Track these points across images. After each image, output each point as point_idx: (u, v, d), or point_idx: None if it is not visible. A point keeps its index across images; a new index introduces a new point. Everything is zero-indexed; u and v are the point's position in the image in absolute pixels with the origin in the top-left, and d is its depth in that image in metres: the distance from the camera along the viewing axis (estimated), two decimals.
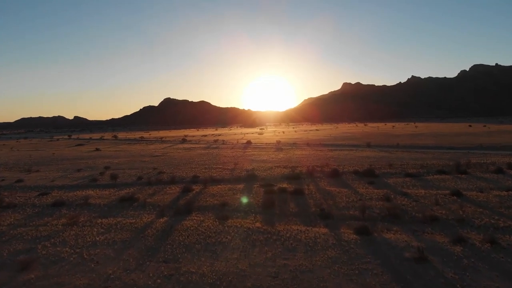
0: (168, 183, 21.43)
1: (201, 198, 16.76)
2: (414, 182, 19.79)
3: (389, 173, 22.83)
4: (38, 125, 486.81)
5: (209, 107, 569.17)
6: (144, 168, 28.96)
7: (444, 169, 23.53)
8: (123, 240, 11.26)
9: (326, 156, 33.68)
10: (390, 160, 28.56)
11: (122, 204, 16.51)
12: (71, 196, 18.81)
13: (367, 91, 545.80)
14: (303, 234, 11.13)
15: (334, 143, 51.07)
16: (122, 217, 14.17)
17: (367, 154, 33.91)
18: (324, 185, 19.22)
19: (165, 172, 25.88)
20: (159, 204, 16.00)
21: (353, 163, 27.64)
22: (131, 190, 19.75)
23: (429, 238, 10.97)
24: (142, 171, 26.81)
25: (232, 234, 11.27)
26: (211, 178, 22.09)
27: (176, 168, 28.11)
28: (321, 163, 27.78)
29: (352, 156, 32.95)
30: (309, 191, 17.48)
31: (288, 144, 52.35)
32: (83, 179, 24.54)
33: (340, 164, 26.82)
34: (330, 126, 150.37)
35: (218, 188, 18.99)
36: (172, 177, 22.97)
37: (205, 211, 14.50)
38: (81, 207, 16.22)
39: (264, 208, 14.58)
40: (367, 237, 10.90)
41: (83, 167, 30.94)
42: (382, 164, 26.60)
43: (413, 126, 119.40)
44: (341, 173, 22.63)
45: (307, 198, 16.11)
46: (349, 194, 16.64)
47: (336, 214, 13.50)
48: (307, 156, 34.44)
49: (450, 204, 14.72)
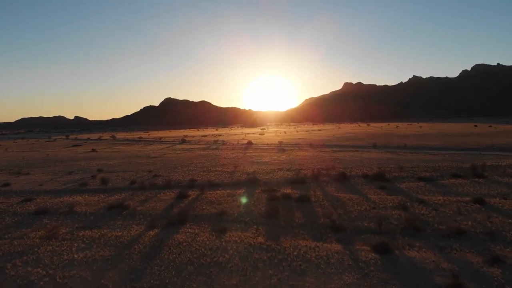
0: (162, 187, 19.90)
1: (197, 206, 15.22)
2: (429, 187, 18.24)
3: (401, 177, 21.27)
4: (38, 125, 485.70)
5: (210, 107, 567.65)
6: (139, 170, 27.44)
7: (459, 173, 21.99)
8: (104, 259, 9.72)
9: (331, 157, 32.12)
10: (399, 162, 26.99)
11: (110, 212, 14.98)
12: (56, 202, 17.29)
13: (368, 91, 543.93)
14: (313, 252, 9.58)
15: (337, 143, 49.52)
16: (108, 229, 12.64)
17: (374, 156, 32.34)
18: (331, 191, 17.67)
19: (160, 175, 24.34)
20: (150, 213, 14.47)
21: (360, 165, 26.09)
22: (122, 195, 18.23)
23: (459, 257, 9.41)
24: (136, 174, 25.29)
25: (231, 252, 9.72)
26: (209, 182, 20.56)
27: (173, 170, 26.58)
28: (327, 166, 26.23)
29: (358, 157, 31.39)
30: (316, 198, 15.93)
31: (290, 144, 50.79)
32: (73, 183, 23.03)
33: (347, 167, 25.26)
34: (332, 126, 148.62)
35: (217, 194, 17.45)
36: (168, 181, 21.44)
37: (200, 222, 12.97)
38: (65, 216, 14.71)
39: (267, 218, 13.04)
40: (387, 256, 9.34)
41: (75, 170, 29.43)
42: (391, 166, 25.04)
43: (417, 126, 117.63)
44: (349, 177, 21.08)
45: (315, 206, 14.56)
46: (361, 202, 15.09)
47: (349, 226, 11.95)
48: (311, 157, 32.89)
49: (474, 214, 13.18)
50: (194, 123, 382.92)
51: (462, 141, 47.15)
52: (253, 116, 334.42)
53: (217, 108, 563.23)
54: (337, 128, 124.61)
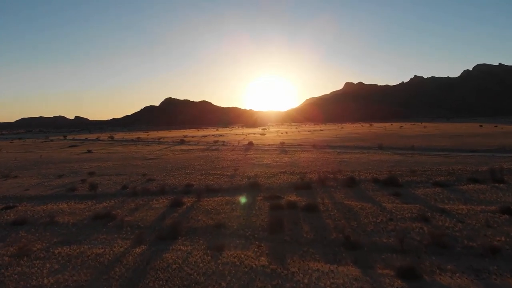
0: (156, 193, 18.33)
1: (192, 216, 13.65)
2: (448, 193, 16.64)
3: (414, 181, 19.67)
4: (38, 125, 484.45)
5: (211, 107, 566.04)
6: (133, 173, 25.88)
7: (476, 177, 20.38)
8: (78, 286, 8.15)
9: (336, 159, 30.50)
10: (410, 165, 25.39)
11: (95, 223, 13.42)
12: (38, 211, 15.74)
13: (370, 91, 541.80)
14: (327, 279, 7.99)
15: (341, 144, 47.85)
16: (89, 244, 11.08)
17: (381, 158, 30.71)
18: (341, 198, 16.08)
19: (155, 179, 22.76)
20: (139, 224, 12.91)
21: (368, 168, 24.48)
22: (111, 203, 16.68)
23: (501, 284, 7.84)
24: (129, 178, 23.72)
25: (228, 279, 8.14)
26: (207, 188, 18.98)
27: (169, 174, 25.00)
28: (332, 169, 24.64)
29: (366, 160, 29.76)
30: (324, 207, 14.34)
31: (293, 145, 49.14)
32: (61, 187, 21.48)
33: (355, 170, 23.66)
34: (334, 127, 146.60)
35: (214, 201, 15.87)
36: (162, 185, 19.87)
37: (195, 236, 11.40)
38: (45, 228, 13.16)
39: (270, 232, 11.46)
40: (416, 285, 7.76)
41: (66, 172, 27.89)
42: (402, 170, 23.43)
43: (421, 126, 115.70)
44: (359, 182, 19.49)
45: (324, 217, 12.97)
46: (375, 212, 13.50)
47: (366, 242, 10.37)
48: (315, 159, 31.27)
49: (505, 227, 11.60)
50: (195, 123, 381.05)
51: (470, 142, 45.49)
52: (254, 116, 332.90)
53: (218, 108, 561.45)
54: (339, 128, 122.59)
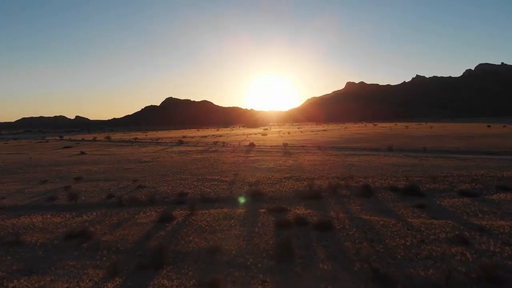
0: (144, 204, 16.13)
1: (183, 235, 11.44)
2: (479, 205, 14.39)
3: (437, 190, 17.44)
4: (38, 125, 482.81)
5: (212, 107, 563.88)
6: (124, 179, 23.70)
7: (505, 184, 18.15)
8: None
9: (344, 163, 28.24)
10: (427, 170, 23.16)
11: (67, 244, 11.24)
12: (6, 226, 13.56)
13: (371, 91, 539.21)
14: None
15: (348, 145, 45.52)
16: (53, 275, 8.91)
17: (394, 161, 28.43)
18: (357, 211, 13.86)
19: (146, 186, 20.56)
20: (118, 247, 10.71)
21: (382, 173, 22.25)
22: (91, 216, 14.49)
23: None
24: (118, 184, 21.52)
25: None
26: (203, 197, 16.78)
27: (162, 179, 22.80)
28: (342, 173, 22.42)
29: (377, 163, 27.51)
30: (340, 223, 12.11)
31: (296, 147, 46.84)
32: (41, 195, 19.29)
33: (367, 176, 21.43)
34: (337, 127, 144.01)
35: (210, 215, 13.66)
36: (153, 194, 17.69)
37: (183, 265, 9.20)
38: (7, 249, 10.99)
39: (277, 261, 9.23)
40: None
41: (52, 177, 25.73)
42: (420, 175, 21.19)
43: (427, 126, 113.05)
44: (374, 190, 17.25)
45: (341, 238, 10.74)
46: (401, 230, 11.27)
47: (399, 276, 8.13)
48: (322, 163, 29.02)
49: None
50: (196, 123, 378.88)
51: (483, 143, 43.19)
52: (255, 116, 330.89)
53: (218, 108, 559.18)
54: (343, 128, 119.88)
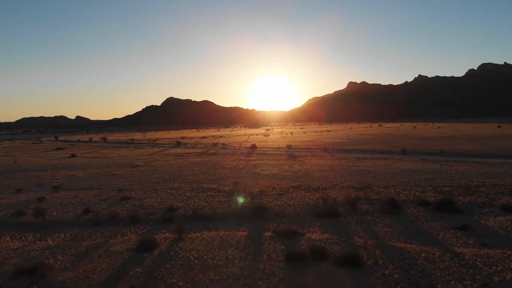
0: (125, 222, 13.33)
1: (164, 275, 8.59)
2: None
3: (474, 204, 14.59)
4: (39, 125, 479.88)
5: (213, 107, 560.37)
6: (109, 187, 20.89)
7: None
8: None
9: (357, 168, 25.32)
10: (453, 178, 20.29)
11: (14, 284, 8.43)
12: None
13: (373, 90, 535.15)
14: None
15: (356, 147, 42.48)
16: None
17: (412, 166, 25.49)
18: (387, 235, 11.02)
19: (131, 197, 17.71)
20: None
21: (403, 182, 19.36)
22: (58, 240, 11.71)
23: None
24: (101, 195, 18.69)
25: None
26: (195, 213, 13.97)
27: (151, 188, 19.96)
28: (358, 182, 19.56)
29: (394, 168, 24.59)
30: (370, 256, 9.24)
31: (301, 149, 43.85)
32: (8, 209, 16.51)
33: (387, 184, 18.56)
34: (341, 127, 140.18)
35: (202, 241, 10.83)
36: (137, 208, 14.91)
37: None
38: None
39: None
40: None
41: (30, 185, 22.97)
42: (447, 184, 18.31)
43: (434, 126, 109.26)
44: (401, 204, 14.41)
45: (376, 282, 7.86)
46: (452, 267, 8.45)
47: None
48: (332, 168, 26.11)
49: None
50: (197, 123, 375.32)
51: (500, 145, 40.17)
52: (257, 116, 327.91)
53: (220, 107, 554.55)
54: (348, 128, 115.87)
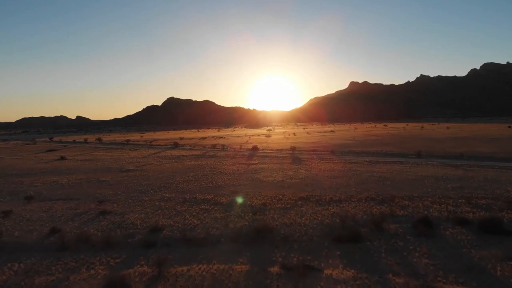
0: (96, 248, 10.70)
1: None
2: None
3: None
4: (39, 125, 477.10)
5: (214, 107, 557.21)
6: (89, 198, 18.25)
7: None
8: None
9: (371, 174, 22.58)
10: (483, 186, 17.61)
11: None
12: None
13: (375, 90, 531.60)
14: None
15: (365, 150, 39.65)
16: None
17: (432, 172, 22.74)
18: (428, 270, 8.43)
19: (112, 211, 15.06)
20: None
21: (429, 192, 16.67)
22: (9, 273, 9.26)
23: None
24: (77, 208, 16.07)
25: None
26: (184, 235, 11.36)
27: (137, 200, 17.31)
28: (376, 192, 16.88)
29: (413, 175, 21.85)
30: None
31: (306, 151, 41.02)
32: None
33: (411, 195, 15.89)
34: (345, 127, 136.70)
35: (189, 279, 8.26)
36: (114, 228, 12.29)
37: None
38: None
39: None
40: None
41: (3, 194, 20.43)
42: (481, 195, 15.62)
43: (442, 127, 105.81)
44: (435, 222, 11.74)
45: None
46: None
47: None
48: (343, 173, 23.38)
49: None
50: (198, 122, 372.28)
51: None
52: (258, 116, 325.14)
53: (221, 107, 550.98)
54: (352, 129, 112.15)
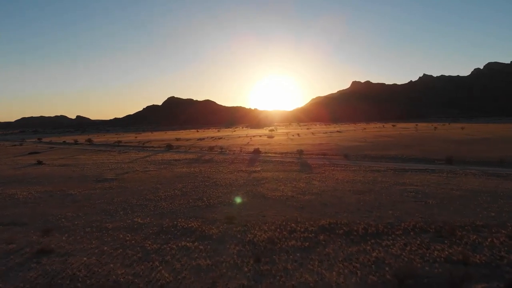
0: None
1: None
2: None
3: None
4: (39, 125, 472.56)
5: (215, 107, 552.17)
6: (37, 223, 13.74)
7: None
8: None
9: (403, 188, 17.88)
10: None
11: None
12: None
13: (378, 90, 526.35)
14: None
15: (382, 153, 34.96)
16: None
17: (481, 185, 18.04)
18: None
19: (53, 251, 10.52)
20: None
21: (495, 218, 12.07)
22: None
23: None
24: (11, 241, 11.56)
25: None
26: None
27: (98, 228, 12.72)
28: (423, 217, 12.32)
29: (457, 189, 17.13)
30: None
31: (315, 155, 36.29)
32: None
33: (472, 222, 11.35)
34: (351, 127, 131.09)
35: None
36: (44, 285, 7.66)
37: None
38: None
39: None
40: None
41: None
42: None
43: (452, 127, 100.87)
44: None
45: None
46: None
47: None
48: (367, 187, 18.71)
49: None
50: (199, 122, 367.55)
51: None
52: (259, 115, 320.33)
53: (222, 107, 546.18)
54: (360, 129, 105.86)
